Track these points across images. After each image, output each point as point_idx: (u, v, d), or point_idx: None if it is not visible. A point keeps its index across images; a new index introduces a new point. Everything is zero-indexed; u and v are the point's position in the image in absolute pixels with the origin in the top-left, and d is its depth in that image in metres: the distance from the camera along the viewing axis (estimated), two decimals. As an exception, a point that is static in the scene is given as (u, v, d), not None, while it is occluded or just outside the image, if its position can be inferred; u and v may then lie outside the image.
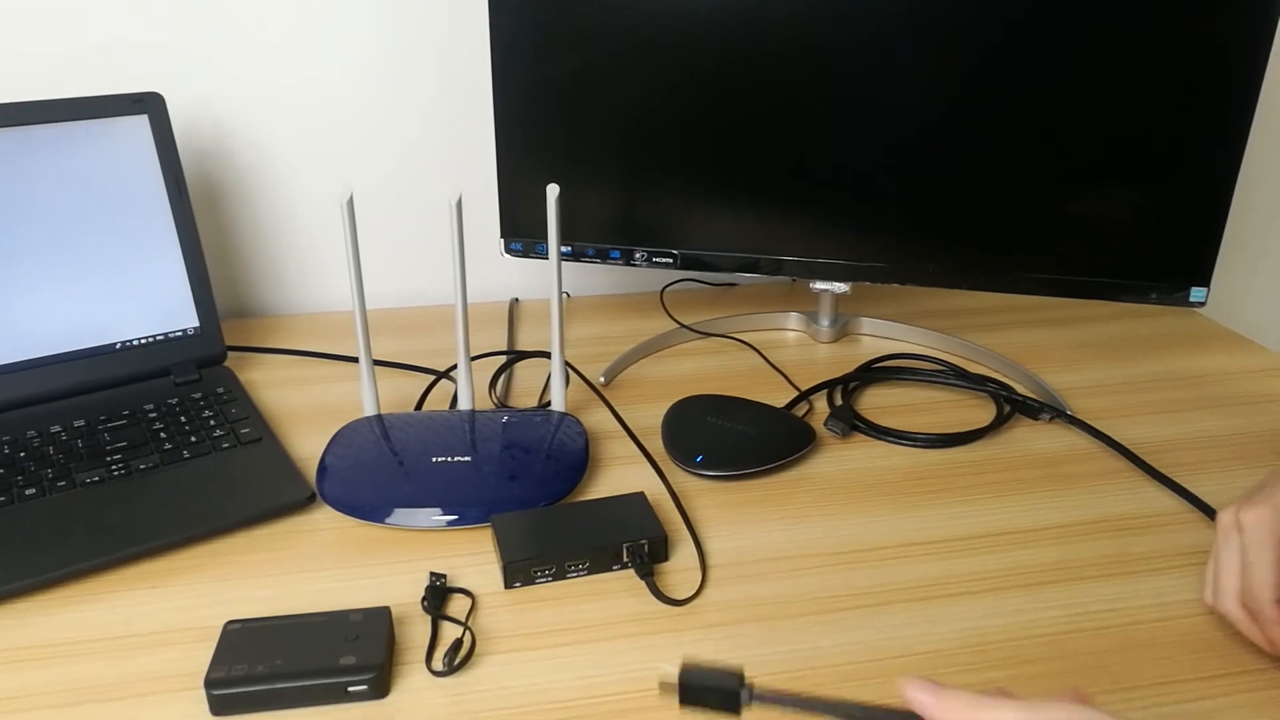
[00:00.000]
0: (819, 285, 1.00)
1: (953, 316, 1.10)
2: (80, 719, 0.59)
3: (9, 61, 0.98)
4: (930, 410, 0.93)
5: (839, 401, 0.93)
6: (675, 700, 0.49)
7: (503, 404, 0.94)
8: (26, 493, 0.76)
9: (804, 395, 0.93)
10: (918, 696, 0.47)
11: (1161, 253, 0.90)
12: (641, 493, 0.76)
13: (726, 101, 0.93)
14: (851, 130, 0.92)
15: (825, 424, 0.88)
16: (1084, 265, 0.92)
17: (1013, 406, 0.91)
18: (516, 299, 1.18)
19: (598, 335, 1.08)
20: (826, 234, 0.97)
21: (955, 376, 0.96)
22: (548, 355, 1.01)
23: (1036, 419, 0.90)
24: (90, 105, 0.88)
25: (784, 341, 1.07)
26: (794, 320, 1.09)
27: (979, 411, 0.92)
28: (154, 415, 0.86)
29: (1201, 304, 0.90)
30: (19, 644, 0.64)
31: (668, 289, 1.18)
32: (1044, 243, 0.92)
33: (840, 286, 1.00)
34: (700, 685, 0.49)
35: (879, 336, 1.07)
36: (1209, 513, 0.77)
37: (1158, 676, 0.63)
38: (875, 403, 0.94)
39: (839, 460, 0.85)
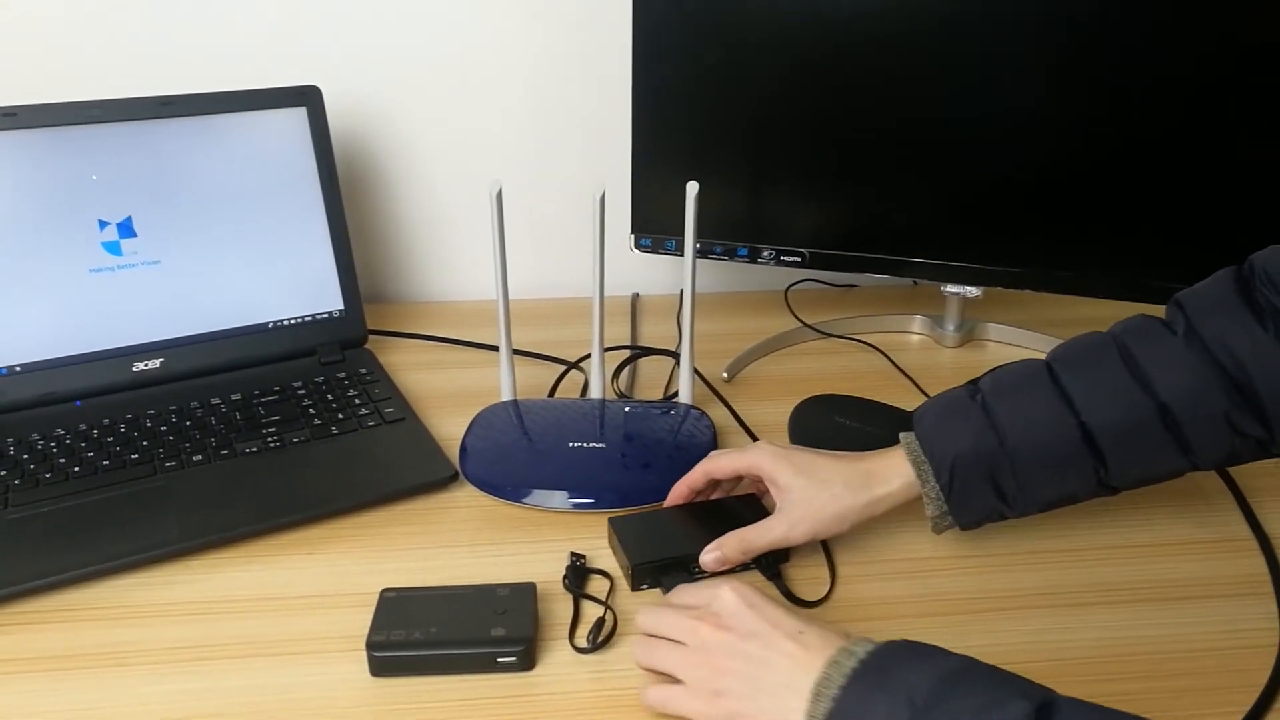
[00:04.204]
0: (951, 289, 1.00)
1: (1081, 325, 1.07)
2: (251, 671, 0.63)
3: (184, 54, 1.05)
4: None
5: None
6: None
7: (623, 395, 0.96)
8: (194, 459, 0.81)
9: None
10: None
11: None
12: (754, 494, 0.77)
13: (860, 100, 0.93)
14: (989, 132, 0.91)
15: None
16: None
17: None
18: (637, 294, 1.20)
19: (717, 332, 1.09)
20: (961, 236, 0.96)
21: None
22: (670, 353, 1.03)
23: None
24: (256, 97, 0.94)
25: (907, 345, 1.07)
26: (918, 324, 1.09)
27: None
28: (302, 392, 0.91)
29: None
30: (197, 598, 0.69)
31: (791, 288, 1.19)
32: (1183, 254, 0.90)
33: (972, 290, 0.99)
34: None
35: (1005, 343, 1.06)
36: (1264, 544, 0.75)
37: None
38: (1002, 409, 0.94)
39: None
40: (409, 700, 0.61)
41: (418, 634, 0.62)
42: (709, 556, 0.70)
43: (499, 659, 0.62)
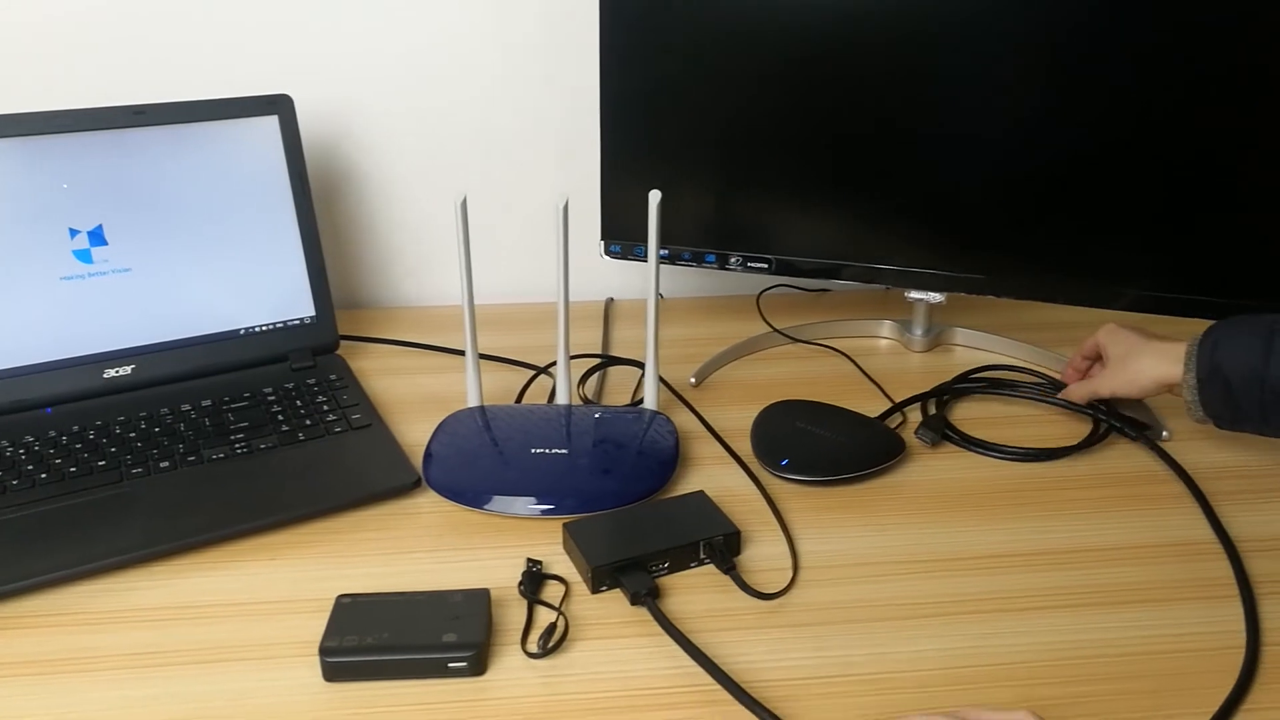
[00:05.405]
0: (914, 294, 1.01)
1: (1051, 329, 1.09)
2: (209, 676, 0.64)
3: (156, 63, 1.06)
4: (1022, 424, 0.93)
5: (932, 411, 0.94)
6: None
7: (589, 401, 0.97)
8: (161, 465, 0.82)
9: (898, 407, 0.94)
10: None
11: (1268, 270, 0.88)
12: (702, 491, 0.79)
13: (826, 108, 0.94)
14: (952, 139, 0.92)
15: (916, 433, 0.89)
16: (1185, 283, 0.91)
17: (1109, 425, 0.90)
18: (612, 299, 1.21)
19: (690, 337, 1.10)
20: (924, 243, 0.97)
21: (1050, 390, 0.96)
22: (639, 364, 1.03)
23: (1135, 440, 0.89)
24: (227, 106, 0.94)
25: (876, 349, 1.08)
26: (887, 328, 1.10)
27: (1071, 427, 0.92)
28: (272, 398, 0.92)
29: (1310, 327, 0.88)
30: (158, 604, 0.70)
31: (763, 294, 1.19)
32: (1144, 260, 0.91)
33: (935, 296, 1.00)
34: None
35: (972, 347, 1.07)
36: (1229, 547, 0.76)
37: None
38: (968, 414, 0.95)
39: (928, 470, 0.86)
40: (361, 705, 0.62)
41: (370, 639, 0.63)
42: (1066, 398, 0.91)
43: (450, 664, 0.63)
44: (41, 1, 1.03)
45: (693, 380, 1.00)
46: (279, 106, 0.96)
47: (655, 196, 0.83)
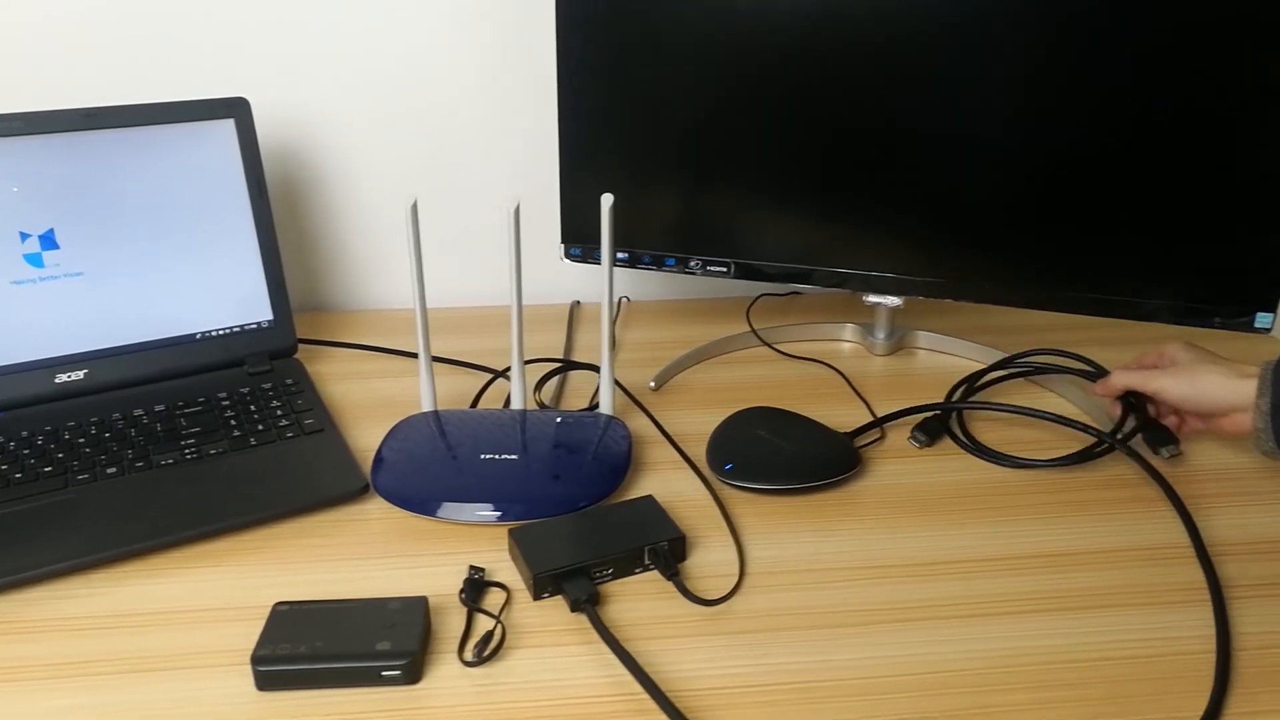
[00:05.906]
0: (871, 298, 1.00)
1: (1012, 332, 1.08)
2: (140, 686, 0.64)
3: (111, 67, 1.05)
4: (1017, 427, 0.92)
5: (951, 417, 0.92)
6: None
7: (544, 405, 0.96)
8: (108, 471, 0.81)
9: (878, 422, 0.91)
10: None
11: (1226, 276, 0.87)
12: (650, 496, 0.78)
13: (783, 112, 0.94)
14: (908, 143, 0.92)
15: (911, 434, 0.89)
16: (1145, 287, 0.90)
17: (1122, 438, 0.87)
18: (578, 302, 1.21)
19: (657, 340, 1.10)
20: (880, 247, 0.97)
21: (1094, 375, 0.94)
22: (590, 366, 1.02)
23: (1154, 448, 0.86)
24: (182, 109, 0.94)
25: (839, 353, 1.07)
26: (849, 332, 1.09)
27: (1067, 433, 0.90)
28: (226, 403, 0.91)
29: (1268, 330, 0.87)
30: (94, 612, 0.70)
31: (754, 302, 1.18)
32: (1103, 263, 0.91)
33: (893, 300, 1.00)
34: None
35: (935, 350, 1.07)
36: (1202, 553, 0.75)
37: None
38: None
39: (890, 477, 0.85)
40: (294, 714, 0.61)
41: (303, 648, 0.63)
42: (1103, 385, 0.88)
43: (383, 673, 0.62)
44: (42, 1, 1.02)
45: (652, 384, 0.99)
46: (236, 110, 0.96)
47: (607, 200, 0.82)
